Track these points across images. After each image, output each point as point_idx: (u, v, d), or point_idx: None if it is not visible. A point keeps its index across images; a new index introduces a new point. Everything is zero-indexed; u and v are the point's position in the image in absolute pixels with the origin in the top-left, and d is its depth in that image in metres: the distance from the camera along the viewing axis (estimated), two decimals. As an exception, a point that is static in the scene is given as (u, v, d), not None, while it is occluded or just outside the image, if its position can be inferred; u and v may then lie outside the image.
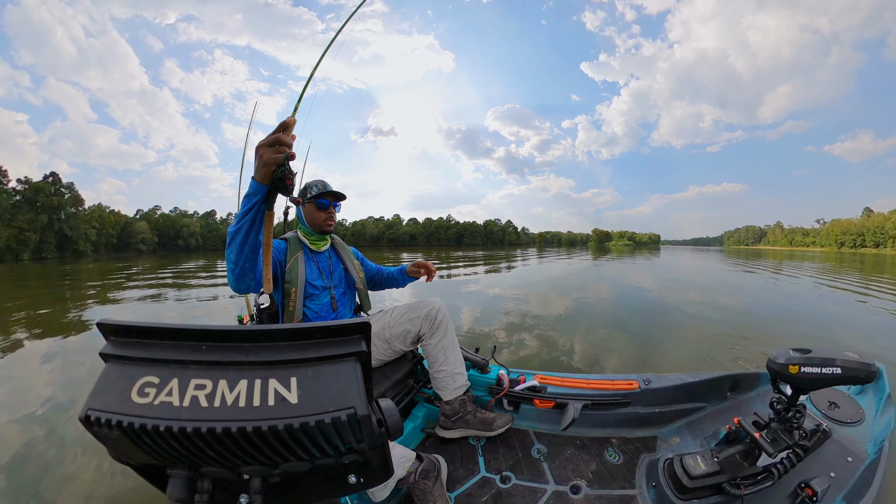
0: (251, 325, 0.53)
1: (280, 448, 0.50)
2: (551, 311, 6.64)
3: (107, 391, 0.50)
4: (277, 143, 0.92)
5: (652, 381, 1.76)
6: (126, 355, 0.53)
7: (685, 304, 7.35)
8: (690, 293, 8.88)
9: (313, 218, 1.68)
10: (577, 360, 3.98)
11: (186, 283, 12.73)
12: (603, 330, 5.31)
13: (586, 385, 1.78)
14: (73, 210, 67.67)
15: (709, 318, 6.02)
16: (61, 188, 65.97)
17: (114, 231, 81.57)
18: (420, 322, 1.68)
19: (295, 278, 1.57)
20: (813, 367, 1.06)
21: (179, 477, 0.53)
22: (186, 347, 0.53)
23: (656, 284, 11.03)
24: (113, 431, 0.48)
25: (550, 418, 1.79)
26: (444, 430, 1.74)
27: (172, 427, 0.46)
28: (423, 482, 1.37)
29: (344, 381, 0.52)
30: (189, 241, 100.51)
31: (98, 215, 76.80)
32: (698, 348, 4.37)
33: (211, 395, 0.49)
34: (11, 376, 3.82)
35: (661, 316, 6.26)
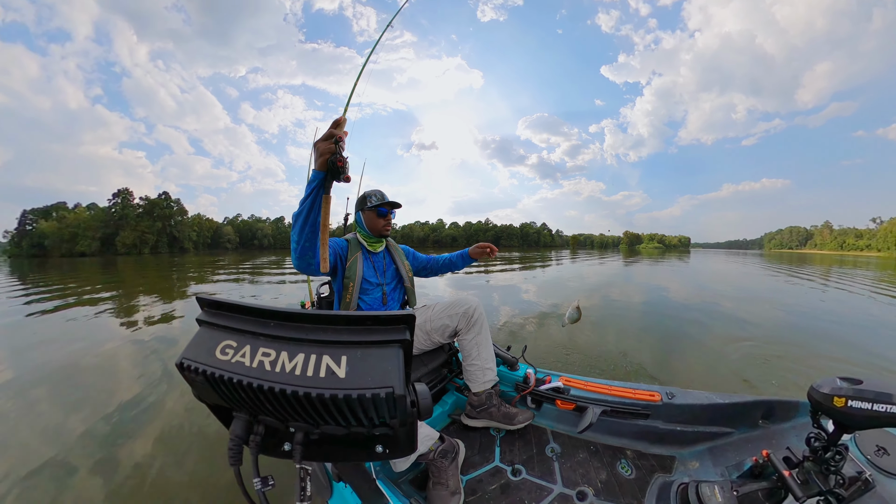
0: (312, 310, 0.58)
1: (323, 413, 0.54)
2: (584, 314, 6.36)
3: (198, 347, 0.59)
4: (330, 137, 1.02)
5: (676, 395, 1.55)
6: (214, 322, 0.62)
7: (716, 313, 6.38)
8: (723, 301, 7.68)
9: (373, 224, 1.75)
10: (601, 364, 3.71)
11: (260, 273, 14.42)
12: (629, 336, 4.89)
13: (608, 391, 1.64)
14: (179, 218, 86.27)
15: (742, 332, 5.06)
16: (171, 203, 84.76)
17: (208, 233, 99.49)
18: (458, 318, 1.68)
19: (353, 274, 1.64)
20: (863, 402, 0.83)
21: (241, 419, 0.60)
22: (259, 323, 0.59)
23: (685, 291, 9.81)
24: (198, 377, 0.56)
25: (569, 420, 1.69)
26: (468, 418, 1.74)
27: (242, 381, 0.53)
28: (440, 461, 1.37)
29: (387, 364, 0.55)
30: (263, 240, 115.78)
31: (197, 222, 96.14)
32: (728, 364, 3.70)
33: (274, 361, 0.55)
34: (138, 325, 5.61)
35: (690, 325, 5.49)
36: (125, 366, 3.72)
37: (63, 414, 2.69)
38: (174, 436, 2.40)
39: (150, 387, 3.14)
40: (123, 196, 79.86)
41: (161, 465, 2.09)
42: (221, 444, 2.24)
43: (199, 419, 2.56)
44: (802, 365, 3.69)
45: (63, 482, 1.95)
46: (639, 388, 1.62)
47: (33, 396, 3.01)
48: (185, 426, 2.50)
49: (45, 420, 2.62)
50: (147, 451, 2.22)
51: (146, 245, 76.64)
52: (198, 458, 2.15)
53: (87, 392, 3.09)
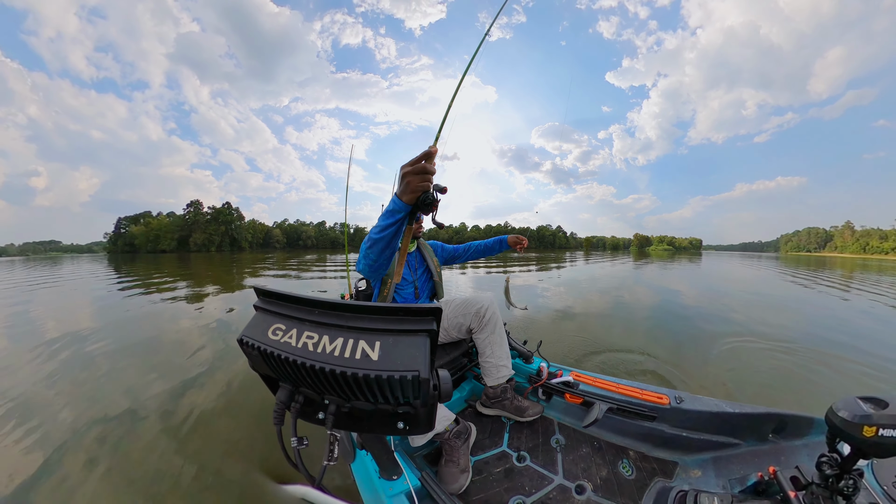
0: (351, 301, 0.61)
1: (355, 389, 0.57)
2: (594, 311, 6.14)
3: (254, 328, 0.64)
4: (424, 172, 0.87)
5: (685, 400, 1.42)
6: (268, 308, 0.67)
7: (727, 318, 5.58)
8: (735, 306, 6.74)
9: None
10: (613, 362, 3.50)
11: (305, 269, 14.85)
12: (640, 336, 4.55)
13: (616, 389, 1.55)
14: (238, 223, 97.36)
15: (754, 338, 4.41)
16: (231, 210, 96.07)
17: (261, 235, 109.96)
18: (471, 318, 1.65)
19: (392, 273, 1.64)
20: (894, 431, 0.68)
21: (285, 389, 0.65)
22: (305, 310, 0.63)
23: (694, 294, 9.01)
24: (253, 351, 0.62)
25: (576, 413, 1.63)
26: (483, 406, 1.73)
27: (289, 358, 0.58)
28: (454, 440, 1.37)
29: (415, 350, 0.56)
30: (307, 241, 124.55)
31: (251, 226, 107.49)
32: (741, 372, 3.23)
33: (316, 343, 0.58)
34: (207, 307, 6.15)
35: (699, 329, 4.91)
36: (193, 338, 4.02)
37: (144, 372, 2.96)
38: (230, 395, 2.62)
39: (213, 356, 3.39)
40: (195, 206, 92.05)
41: (215, 415, 2.31)
42: (265, 408, 2.42)
43: (249, 384, 2.77)
44: (820, 377, 3.17)
45: (134, 426, 2.17)
46: (648, 388, 1.51)
47: (125, 357, 3.33)
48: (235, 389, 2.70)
49: (130, 376, 2.92)
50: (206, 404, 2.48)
51: (213, 244, 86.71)
52: (242, 417, 2.32)
53: (166, 357, 3.38)
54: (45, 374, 3.06)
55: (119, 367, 3.26)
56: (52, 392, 2.70)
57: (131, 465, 1.83)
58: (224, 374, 3.03)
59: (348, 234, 3.55)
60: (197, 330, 4.57)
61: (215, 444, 2.02)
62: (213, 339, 4.10)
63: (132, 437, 2.07)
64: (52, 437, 2.07)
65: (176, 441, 2.04)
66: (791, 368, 3.36)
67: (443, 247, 2.03)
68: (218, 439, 2.07)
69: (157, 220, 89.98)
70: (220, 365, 3.25)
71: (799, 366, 3.43)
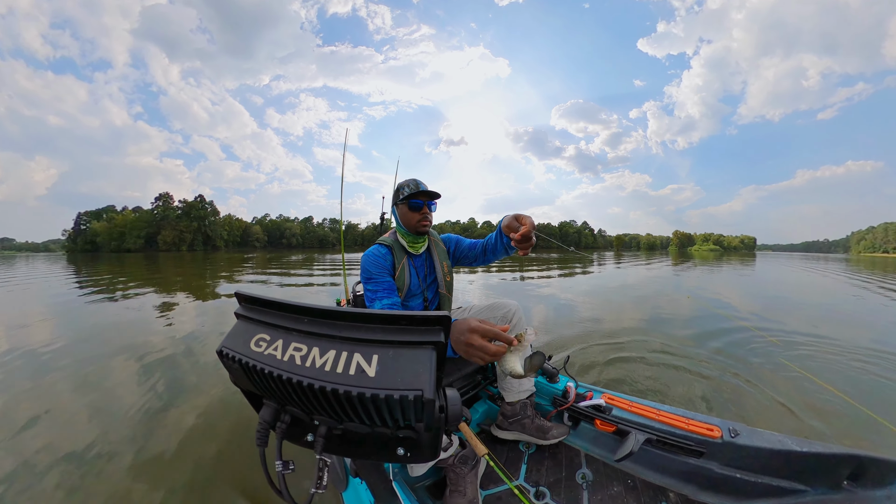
0: (347, 307, 0.61)
1: (349, 410, 0.57)
2: (630, 324, 6.07)
3: (235, 338, 0.66)
4: (486, 352, 0.79)
5: (740, 433, 1.35)
6: (250, 317, 0.68)
7: (797, 336, 5.24)
8: (806, 321, 6.37)
9: (407, 219, 1.63)
10: (651, 383, 3.40)
11: (293, 271, 14.96)
12: (688, 353, 4.43)
13: (657, 416, 1.50)
14: (213, 218, 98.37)
15: (828, 361, 4.11)
16: (205, 204, 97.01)
17: (238, 232, 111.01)
18: (495, 322, 1.64)
19: (403, 285, 1.60)
20: None
21: (270, 406, 0.66)
22: (292, 318, 0.64)
23: (754, 305, 8.68)
24: (234, 364, 0.63)
25: (607, 444, 1.59)
26: (499, 429, 1.72)
27: (273, 372, 0.58)
28: (460, 467, 1.37)
29: (418, 366, 0.56)
30: (291, 240, 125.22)
31: (228, 221, 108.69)
32: (811, 403, 2.98)
33: (305, 356, 0.59)
34: (180, 313, 6.27)
35: (762, 348, 4.64)
36: (159, 350, 4.09)
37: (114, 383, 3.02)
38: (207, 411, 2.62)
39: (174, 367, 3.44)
40: (164, 199, 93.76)
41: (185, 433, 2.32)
42: (249, 426, 2.45)
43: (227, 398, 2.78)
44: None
45: (97, 457, 2.18)
46: (695, 418, 1.46)
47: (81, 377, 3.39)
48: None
49: (95, 393, 2.95)
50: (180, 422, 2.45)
51: (184, 243, 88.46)
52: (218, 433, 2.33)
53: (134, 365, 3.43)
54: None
55: (73, 388, 3.33)
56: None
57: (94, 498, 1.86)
58: (197, 390, 3.09)
59: (343, 231, 3.58)
60: (165, 341, 4.66)
61: (189, 466, 2.06)
62: (185, 352, 4.19)
63: (95, 471, 2.10)
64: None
65: (144, 465, 2.08)
66: (879, 401, 3.11)
67: (458, 241, 1.84)
68: (192, 461, 2.11)
69: (121, 216, 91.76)
70: (190, 380, 3.33)
71: (887, 399, 3.17)
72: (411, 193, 1.59)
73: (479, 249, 1.72)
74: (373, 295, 1.52)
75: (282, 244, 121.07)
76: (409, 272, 1.62)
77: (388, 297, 1.51)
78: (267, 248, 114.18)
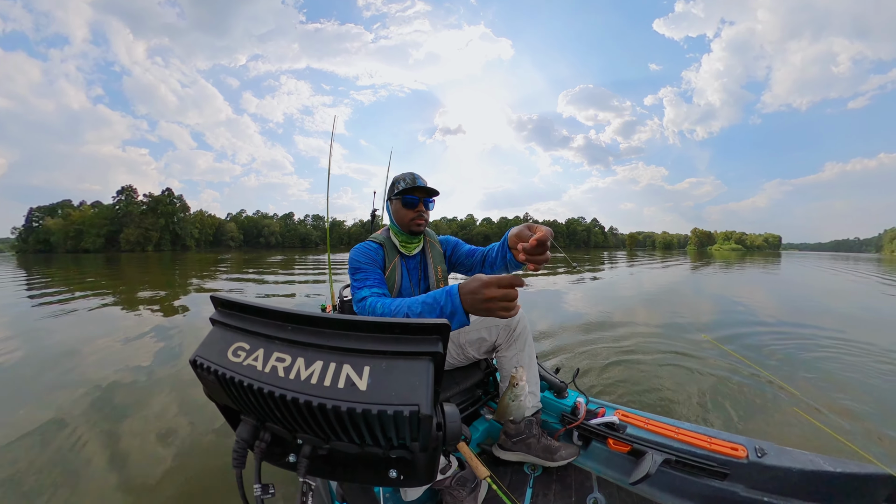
0: (334, 314, 0.61)
1: (336, 427, 0.56)
2: (644, 332, 6.12)
3: (211, 347, 0.65)
4: (509, 300, 0.86)
5: (768, 453, 1.34)
6: (228, 323, 0.67)
7: (831, 346, 5.20)
8: (838, 328, 6.24)
9: (400, 217, 1.61)
10: (669, 398, 3.41)
11: (271, 272, 14.89)
12: (709, 364, 4.45)
13: (675, 434, 1.49)
14: (182, 215, 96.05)
15: (870, 375, 4.03)
16: (174, 199, 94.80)
17: (210, 230, 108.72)
18: (498, 331, 1.65)
19: (393, 285, 1.58)
20: None
21: (248, 423, 0.65)
22: (275, 325, 0.63)
23: (781, 311, 8.92)
24: (210, 376, 0.62)
25: (621, 465, 1.59)
26: (501, 449, 1.71)
27: (253, 385, 0.57)
28: (457, 490, 1.38)
29: (414, 379, 0.55)
30: (269, 238, 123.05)
31: (199, 218, 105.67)
32: (847, 419, 2.99)
33: (288, 367, 0.58)
34: (147, 320, 5.89)
35: (791, 359, 4.73)
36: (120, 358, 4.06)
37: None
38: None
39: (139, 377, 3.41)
40: (127, 193, 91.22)
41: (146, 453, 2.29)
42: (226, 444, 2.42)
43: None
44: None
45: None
46: (718, 436, 1.47)
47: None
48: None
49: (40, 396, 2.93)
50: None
51: (150, 242, 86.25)
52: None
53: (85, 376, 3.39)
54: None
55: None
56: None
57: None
58: (165, 402, 3.08)
59: (329, 229, 3.58)
60: (131, 354, 4.62)
61: (158, 494, 2.05)
62: (141, 347, 4.16)
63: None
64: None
65: (108, 492, 2.06)
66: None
67: (457, 245, 1.81)
68: (159, 487, 2.10)
69: (79, 212, 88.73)
70: (163, 389, 3.31)
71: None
72: (406, 189, 1.57)
73: (477, 258, 1.67)
74: (360, 284, 1.46)
75: (259, 243, 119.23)
76: (400, 273, 1.60)
77: (377, 287, 1.44)
78: (243, 247, 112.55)
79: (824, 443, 2.69)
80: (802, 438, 2.77)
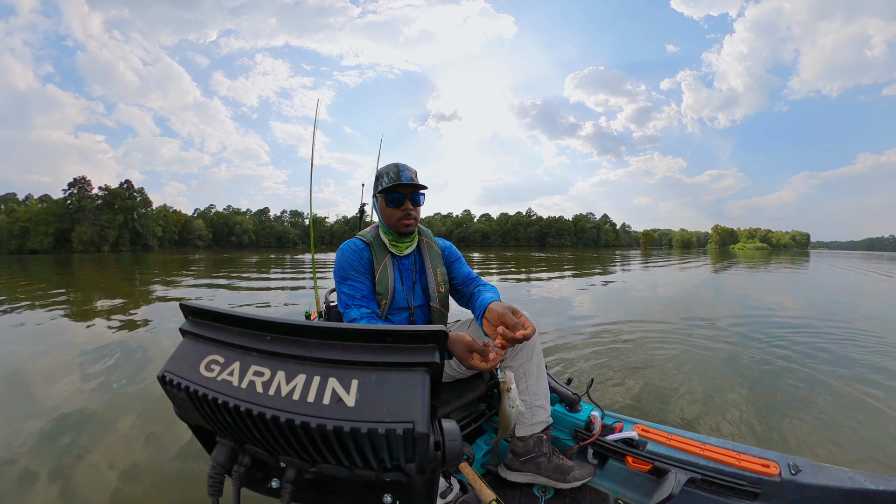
0: (319, 322, 0.61)
1: (323, 448, 0.56)
2: (664, 338, 6.17)
3: (181, 360, 0.65)
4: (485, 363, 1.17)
5: (803, 470, 1.35)
6: (200, 334, 0.67)
7: (869, 355, 5.18)
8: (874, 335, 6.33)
9: (387, 216, 1.61)
10: (694, 411, 3.43)
11: (237, 279, 14.76)
12: (737, 375, 4.47)
13: (701, 451, 1.51)
14: (143, 210, 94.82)
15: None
16: (134, 193, 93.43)
17: (175, 228, 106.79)
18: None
19: (386, 290, 1.57)
20: None
21: (225, 445, 0.65)
22: (251, 336, 0.63)
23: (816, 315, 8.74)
24: (180, 393, 0.62)
25: (642, 486, 1.61)
26: (508, 469, 1.72)
27: (228, 403, 0.57)
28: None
29: (408, 393, 0.55)
30: (242, 237, 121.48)
31: (163, 214, 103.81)
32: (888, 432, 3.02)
33: (267, 382, 0.58)
34: (104, 334, 6.07)
35: (828, 368, 4.70)
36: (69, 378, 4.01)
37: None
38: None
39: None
40: (80, 186, 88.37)
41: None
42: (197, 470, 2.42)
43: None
44: None
45: None
46: (748, 452, 1.49)
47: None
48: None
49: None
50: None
51: (106, 242, 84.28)
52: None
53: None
54: None
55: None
56: None
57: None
58: (129, 423, 3.05)
59: (312, 227, 3.57)
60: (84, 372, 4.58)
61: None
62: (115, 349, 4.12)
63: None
64: None
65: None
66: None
67: (458, 262, 1.79)
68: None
69: (25, 207, 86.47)
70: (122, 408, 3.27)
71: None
72: (388, 187, 1.55)
73: (469, 289, 1.67)
74: (348, 301, 1.53)
75: (231, 243, 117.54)
76: (392, 275, 1.60)
77: (365, 307, 1.51)
78: (212, 247, 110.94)
79: (864, 458, 2.72)
80: (839, 454, 2.78)
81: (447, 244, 1.82)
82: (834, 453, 2.82)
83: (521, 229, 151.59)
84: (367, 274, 1.58)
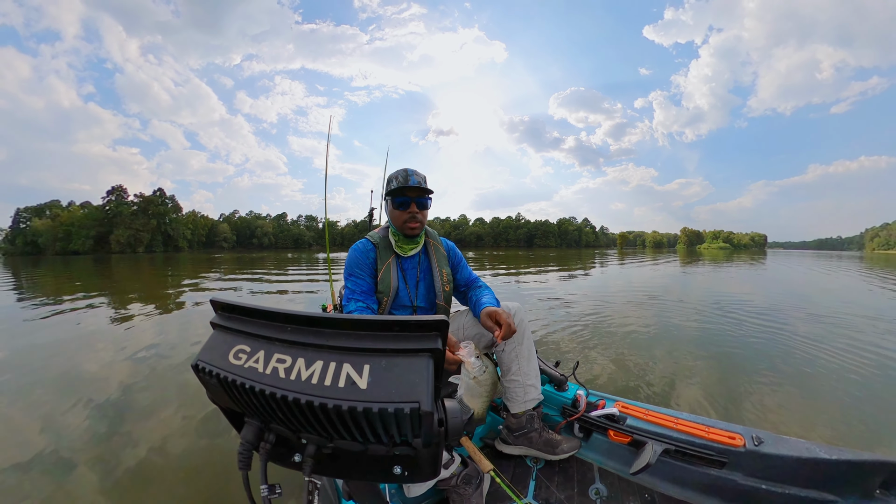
0: (334, 314, 0.62)
1: (339, 426, 0.57)
2: (642, 324, 6.18)
3: (212, 350, 0.66)
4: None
5: (765, 441, 1.37)
6: (228, 326, 0.68)
7: (825, 336, 5.34)
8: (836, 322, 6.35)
9: (394, 218, 1.57)
10: (668, 389, 3.47)
11: (260, 276, 14.75)
12: (703, 354, 4.54)
13: (675, 425, 1.52)
14: (174, 216, 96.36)
15: (863, 363, 4.18)
16: (166, 200, 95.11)
17: (203, 231, 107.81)
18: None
19: (387, 288, 1.55)
20: None
21: (252, 425, 0.66)
22: (274, 327, 0.64)
23: (771, 300, 9.21)
24: (212, 380, 0.63)
25: (622, 456, 1.62)
26: (504, 443, 1.73)
27: (255, 387, 0.58)
28: (463, 487, 1.39)
29: (414, 376, 0.56)
30: (262, 239, 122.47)
31: (192, 219, 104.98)
32: (842, 407, 3.12)
33: (289, 368, 0.59)
34: (149, 319, 6.20)
35: (789, 347, 4.82)
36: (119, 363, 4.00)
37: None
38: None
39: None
40: (117, 193, 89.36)
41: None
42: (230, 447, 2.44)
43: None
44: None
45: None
46: (716, 425, 1.50)
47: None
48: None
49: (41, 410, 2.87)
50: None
51: (140, 244, 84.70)
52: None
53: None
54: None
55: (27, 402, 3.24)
56: None
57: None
58: (169, 409, 3.05)
59: (328, 229, 3.58)
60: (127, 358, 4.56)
61: (164, 494, 2.04)
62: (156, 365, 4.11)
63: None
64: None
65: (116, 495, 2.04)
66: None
67: (461, 263, 1.77)
68: (167, 487, 2.09)
69: (67, 212, 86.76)
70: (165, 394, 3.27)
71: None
72: (395, 189, 1.53)
73: (470, 291, 1.69)
74: (349, 295, 1.53)
75: (252, 244, 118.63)
76: (395, 275, 1.57)
77: (362, 301, 1.49)
78: (236, 248, 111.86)
79: (821, 430, 2.76)
80: (798, 427, 2.82)
81: (451, 245, 1.80)
82: (789, 424, 2.87)
83: (511, 231, 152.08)
84: (371, 272, 1.56)
